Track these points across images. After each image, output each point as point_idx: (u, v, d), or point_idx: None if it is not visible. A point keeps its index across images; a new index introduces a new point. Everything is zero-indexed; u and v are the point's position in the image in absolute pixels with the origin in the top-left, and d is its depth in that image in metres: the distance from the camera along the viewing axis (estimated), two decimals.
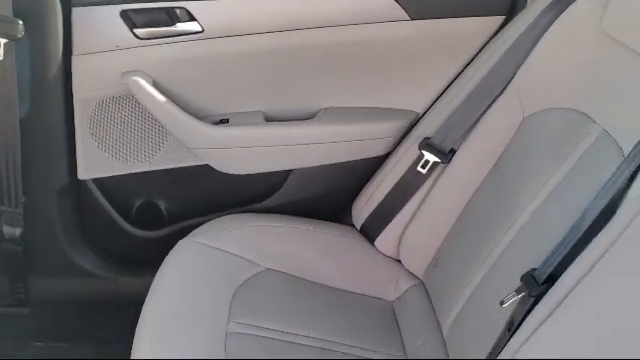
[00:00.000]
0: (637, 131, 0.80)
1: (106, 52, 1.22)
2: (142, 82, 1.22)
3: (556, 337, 0.74)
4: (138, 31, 1.21)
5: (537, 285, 0.81)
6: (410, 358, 1.10)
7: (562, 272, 0.78)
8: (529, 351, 0.77)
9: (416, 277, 1.23)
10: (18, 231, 1.32)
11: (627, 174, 0.77)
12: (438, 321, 1.10)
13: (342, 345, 1.08)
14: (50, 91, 1.23)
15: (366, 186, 1.34)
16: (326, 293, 1.19)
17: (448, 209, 1.16)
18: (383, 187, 1.27)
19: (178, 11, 1.21)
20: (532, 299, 0.81)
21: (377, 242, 1.28)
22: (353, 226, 1.35)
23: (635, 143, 0.79)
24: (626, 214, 0.73)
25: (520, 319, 0.82)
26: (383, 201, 1.27)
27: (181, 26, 1.22)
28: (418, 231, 1.21)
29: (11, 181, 1.27)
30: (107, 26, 1.20)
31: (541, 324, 0.76)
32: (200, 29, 1.22)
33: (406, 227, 1.23)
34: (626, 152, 0.82)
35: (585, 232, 0.78)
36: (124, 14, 1.20)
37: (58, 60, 1.20)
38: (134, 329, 1.03)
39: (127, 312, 1.10)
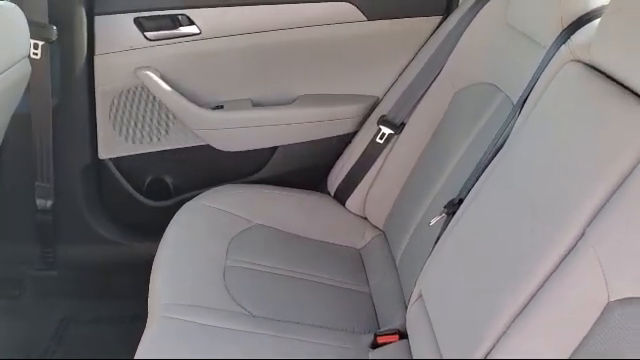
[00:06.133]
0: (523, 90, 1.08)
1: (122, 52, 1.48)
2: (152, 76, 1.49)
3: (455, 239, 1.01)
4: (148, 34, 1.48)
5: (452, 206, 1.08)
6: (373, 292, 1.35)
7: None
8: (437, 256, 1.04)
9: (378, 229, 1.49)
10: (49, 203, 1.55)
11: (513, 116, 1.05)
12: (393, 258, 1.37)
13: (319, 277, 1.33)
14: (76, 85, 1.48)
15: (338, 160, 1.61)
16: (306, 242, 1.45)
17: (401, 170, 1.43)
18: (351, 159, 1.54)
19: (180, 17, 1.48)
20: (450, 218, 1.08)
21: (347, 203, 1.54)
22: (328, 194, 1.60)
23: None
24: (508, 142, 1.01)
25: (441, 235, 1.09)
26: (351, 170, 1.53)
27: (183, 29, 1.49)
28: (379, 191, 1.48)
29: (44, 160, 1.51)
30: (123, 30, 1.47)
31: (450, 232, 1.03)
32: (198, 31, 1.49)
33: (370, 189, 1.50)
34: None
35: (485, 165, 1.05)
36: (137, 20, 1.47)
37: (83, 59, 1.46)
38: (147, 287, 1.23)
39: (141, 273, 1.28)
